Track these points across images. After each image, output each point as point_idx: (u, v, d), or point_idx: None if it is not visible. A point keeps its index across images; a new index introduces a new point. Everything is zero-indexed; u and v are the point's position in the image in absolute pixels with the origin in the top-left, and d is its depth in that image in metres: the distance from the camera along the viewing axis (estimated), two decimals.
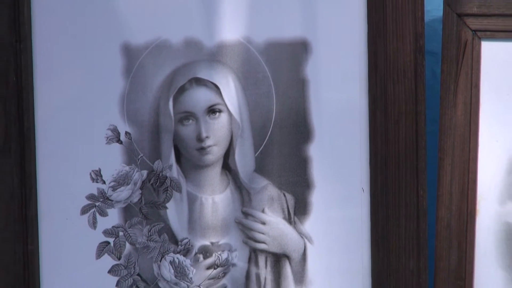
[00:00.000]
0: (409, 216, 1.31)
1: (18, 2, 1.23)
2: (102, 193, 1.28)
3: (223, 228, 1.31)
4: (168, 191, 1.30)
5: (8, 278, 1.25)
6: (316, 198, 1.32)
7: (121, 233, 1.29)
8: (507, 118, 1.31)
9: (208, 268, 1.30)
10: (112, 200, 1.28)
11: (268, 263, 1.32)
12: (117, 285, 1.29)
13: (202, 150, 1.30)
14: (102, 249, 1.28)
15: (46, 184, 1.27)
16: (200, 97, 1.30)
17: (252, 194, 1.31)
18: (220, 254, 1.30)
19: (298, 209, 1.31)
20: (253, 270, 1.31)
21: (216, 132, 1.30)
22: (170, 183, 1.30)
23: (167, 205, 1.30)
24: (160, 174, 1.29)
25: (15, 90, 1.24)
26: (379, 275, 1.32)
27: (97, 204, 1.28)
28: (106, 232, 1.28)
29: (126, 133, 1.28)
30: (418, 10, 1.29)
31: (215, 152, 1.30)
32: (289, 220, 1.31)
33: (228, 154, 1.31)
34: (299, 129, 1.31)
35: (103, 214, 1.28)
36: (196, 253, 1.30)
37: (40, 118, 1.26)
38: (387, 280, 1.32)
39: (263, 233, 1.31)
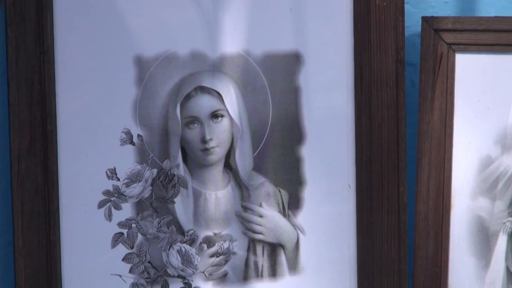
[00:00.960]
0: (390, 210, 1.33)
1: (42, 19, 1.24)
2: (116, 189, 1.29)
3: (224, 221, 1.32)
4: (176, 187, 1.31)
5: (32, 264, 1.26)
6: (308, 194, 1.33)
7: (133, 225, 1.30)
8: (479, 122, 1.33)
9: (211, 256, 1.32)
10: (125, 196, 1.29)
11: (265, 251, 1.33)
12: (130, 271, 1.30)
13: (206, 151, 1.31)
14: (117, 239, 1.29)
15: (67, 181, 1.28)
16: (204, 104, 1.31)
17: (250, 190, 1.32)
18: (222, 244, 1.32)
19: (292, 204, 1.33)
20: (252, 258, 1.33)
21: (219, 135, 1.31)
22: (178, 180, 1.31)
23: (175, 200, 1.31)
24: (169, 172, 1.30)
25: (39, 97, 1.25)
26: (364, 263, 1.33)
27: (112, 199, 1.29)
28: (120, 224, 1.30)
29: (138, 135, 1.29)
30: (399, 26, 1.31)
31: (218, 153, 1.31)
32: (283, 214, 1.33)
33: (229, 154, 1.32)
34: (292, 132, 1.32)
35: (118, 208, 1.29)
36: (200, 243, 1.31)
37: (62, 122, 1.27)
38: (371, 267, 1.33)
39: (260, 225, 1.33)
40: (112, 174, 1.30)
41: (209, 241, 1.32)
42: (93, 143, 1.29)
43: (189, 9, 1.31)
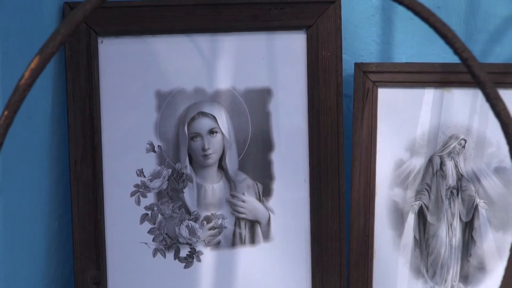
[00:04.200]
0: (333, 197, 1.40)
1: (91, 65, 1.31)
2: (143, 183, 1.36)
3: (218, 205, 1.39)
4: (185, 182, 1.38)
5: (85, 236, 1.33)
6: (276, 186, 1.41)
7: (155, 208, 1.37)
8: (394, 135, 1.41)
9: (209, 229, 1.39)
10: (149, 188, 1.36)
11: (247, 226, 1.40)
12: (153, 240, 1.37)
13: (205, 156, 1.38)
14: (144, 218, 1.37)
15: (109, 178, 1.35)
16: (204, 124, 1.38)
17: (236, 183, 1.39)
18: (217, 221, 1.39)
19: (265, 193, 1.40)
20: (237, 230, 1.40)
21: (214, 145, 1.38)
22: (186, 177, 1.38)
23: (184, 190, 1.38)
24: (180, 171, 1.37)
25: (89, 119, 1.32)
26: (315, 233, 1.40)
27: (140, 190, 1.36)
28: (146, 207, 1.37)
29: (158, 146, 1.36)
30: (338, 69, 1.39)
31: (213, 158, 1.39)
32: (259, 200, 1.40)
33: (221, 159, 1.39)
34: (265, 143, 1.39)
35: (144, 196, 1.36)
36: (202, 220, 1.39)
37: (105, 137, 1.34)
38: (320, 236, 1.40)
39: (243, 208, 1.40)
40: (140, 173, 1.37)
41: (208, 219, 1.39)
42: (127, 152, 1.35)
43: (194, 57, 1.37)
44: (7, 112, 0.76)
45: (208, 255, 1.40)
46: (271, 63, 1.39)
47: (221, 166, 1.40)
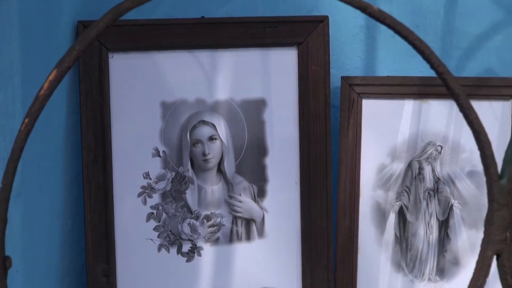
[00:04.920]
0: (322, 197, 1.40)
1: (102, 78, 1.31)
2: (149, 185, 1.36)
3: (217, 204, 1.39)
4: (187, 184, 1.37)
5: (96, 233, 1.33)
6: (270, 187, 1.40)
7: (160, 208, 1.36)
8: (377, 142, 1.40)
9: (209, 227, 1.38)
10: (155, 189, 1.36)
11: (243, 224, 1.40)
12: (158, 236, 1.36)
13: (205, 161, 1.38)
14: (149, 216, 1.37)
15: (118, 180, 1.35)
16: (204, 131, 1.37)
17: (234, 185, 1.39)
18: (216, 219, 1.39)
19: (259, 194, 1.40)
20: (234, 228, 1.40)
21: (214, 151, 1.38)
22: (188, 179, 1.37)
23: (186, 191, 1.37)
24: (182, 174, 1.37)
25: (100, 127, 1.32)
26: (305, 230, 1.40)
27: (146, 191, 1.36)
28: (152, 207, 1.36)
29: (163, 151, 1.36)
30: (327, 82, 1.39)
31: (213, 162, 1.38)
32: (254, 200, 1.40)
33: (220, 163, 1.39)
34: (260, 149, 1.39)
35: (150, 196, 1.36)
36: (202, 219, 1.38)
37: (115, 143, 1.34)
38: (310, 233, 1.40)
39: (240, 207, 1.40)
40: (146, 175, 1.36)
41: (207, 218, 1.39)
42: (134, 156, 1.35)
43: (195, 71, 1.37)
44: (27, 120, 0.77)
45: (208, 250, 1.40)
46: (265, 77, 1.39)
47: (220, 169, 1.40)
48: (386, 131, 1.42)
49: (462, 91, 0.82)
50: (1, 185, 0.79)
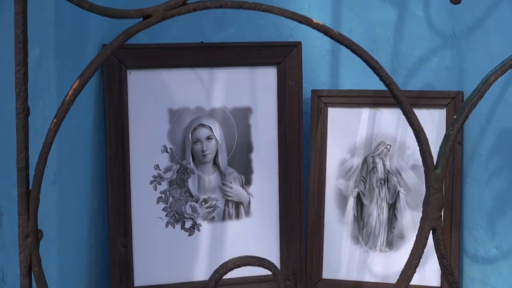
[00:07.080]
0: (295, 185, 1.38)
1: (122, 89, 1.29)
2: (159, 175, 1.34)
3: (213, 190, 1.37)
4: (189, 174, 1.35)
5: (117, 213, 1.29)
6: (255, 177, 1.38)
7: (167, 192, 1.34)
8: (339, 142, 1.39)
9: (207, 208, 1.36)
10: (163, 178, 1.34)
11: (233, 206, 1.38)
12: (165, 215, 1.34)
13: (204, 156, 1.36)
14: (159, 200, 1.34)
15: (134, 171, 1.32)
16: (203, 132, 1.36)
17: (226, 175, 1.37)
18: (212, 202, 1.37)
19: (247, 182, 1.38)
20: (226, 209, 1.38)
21: (210, 148, 1.36)
22: (189, 170, 1.35)
23: (188, 180, 1.35)
24: (185, 166, 1.35)
25: (120, 128, 1.30)
26: (283, 212, 1.37)
27: (156, 179, 1.34)
28: (161, 192, 1.34)
29: (170, 148, 1.34)
30: (300, 94, 1.37)
31: (210, 157, 1.36)
32: (242, 187, 1.38)
33: (215, 158, 1.37)
34: (247, 147, 1.37)
35: (159, 184, 1.34)
36: (201, 201, 1.36)
37: (132, 141, 1.31)
38: (286, 212, 1.37)
39: (231, 193, 1.37)
40: (157, 167, 1.34)
41: (205, 201, 1.37)
42: (147, 152, 1.33)
43: (196, 84, 1.36)
44: (55, 120, 0.75)
45: (205, 227, 1.38)
46: (252, 89, 1.38)
47: (215, 163, 1.38)
48: (347, 133, 1.40)
49: (405, 98, 0.80)
50: (34, 173, 0.77)
